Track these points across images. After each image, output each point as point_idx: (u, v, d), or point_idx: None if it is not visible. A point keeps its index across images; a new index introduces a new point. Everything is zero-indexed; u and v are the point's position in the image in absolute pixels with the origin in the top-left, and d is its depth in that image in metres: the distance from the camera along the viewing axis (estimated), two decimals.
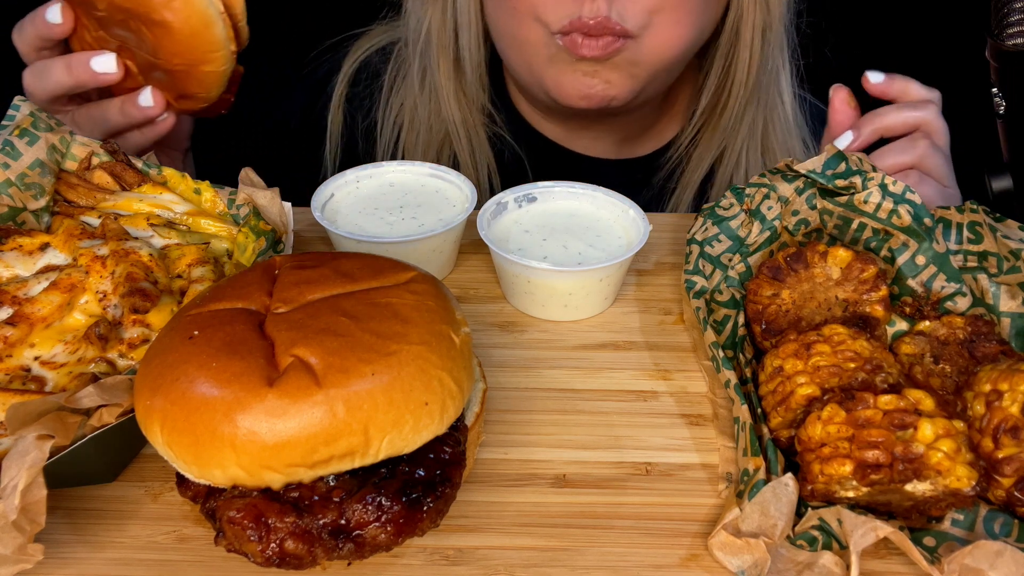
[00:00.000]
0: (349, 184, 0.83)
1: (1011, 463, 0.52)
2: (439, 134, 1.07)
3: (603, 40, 0.86)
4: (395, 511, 0.47)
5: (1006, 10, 0.76)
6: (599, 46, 0.86)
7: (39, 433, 0.49)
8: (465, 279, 0.81)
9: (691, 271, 0.72)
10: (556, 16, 0.87)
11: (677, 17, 0.88)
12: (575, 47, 0.87)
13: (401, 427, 0.48)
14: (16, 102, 0.76)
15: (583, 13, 0.85)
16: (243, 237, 0.74)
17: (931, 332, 0.65)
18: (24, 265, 0.68)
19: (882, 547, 0.53)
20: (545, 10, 0.87)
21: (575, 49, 0.87)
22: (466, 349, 0.54)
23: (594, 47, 0.86)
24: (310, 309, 0.51)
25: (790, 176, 0.74)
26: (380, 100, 1.11)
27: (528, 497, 0.57)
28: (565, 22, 0.86)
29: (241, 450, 0.45)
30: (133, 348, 0.61)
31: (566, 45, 0.87)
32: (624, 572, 0.52)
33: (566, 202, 0.81)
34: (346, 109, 1.12)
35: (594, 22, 0.85)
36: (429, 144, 1.08)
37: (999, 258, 0.67)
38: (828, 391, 0.56)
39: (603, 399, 0.66)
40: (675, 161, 1.08)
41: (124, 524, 0.55)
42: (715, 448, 0.61)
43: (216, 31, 0.77)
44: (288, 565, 0.47)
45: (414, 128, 1.09)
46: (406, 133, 1.09)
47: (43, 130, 0.76)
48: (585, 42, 0.86)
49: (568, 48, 0.87)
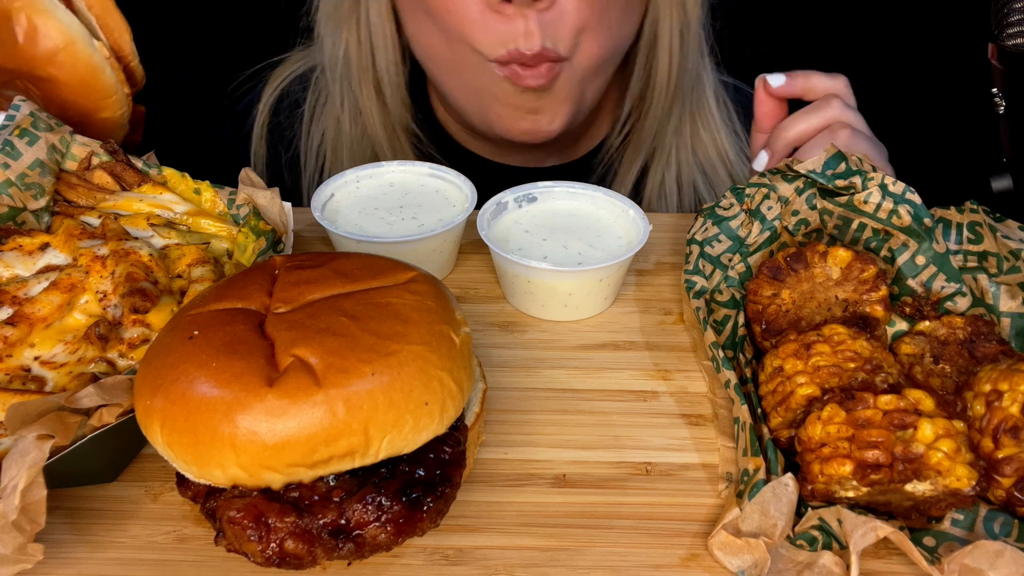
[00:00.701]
0: (349, 184, 0.83)
1: (1011, 463, 0.52)
2: (365, 155, 1.06)
3: (543, 67, 0.86)
4: (395, 511, 0.47)
5: (1006, 10, 0.76)
6: (541, 74, 0.86)
7: (39, 433, 0.49)
8: (465, 279, 0.81)
9: (691, 271, 0.72)
10: (490, 47, 0.86)
11: (600, 32, 0.88)
12: (517, 78, 0.87)
13: (401, 427, 0.48)
14: (16, 102, 0.76)
15: (520, 46, 0.84)
16: (243, 237, 0.74)
17: (931, 332, 0.65)
18: (24, 265, 0.68)
19: (882, 547, 0.53)
20: (476, 40, 0.86)
21: (518, 80, 0.87)
22: (466, 349, 0.54)
23: (537, 76, 0.86)
24: (310, 309, 0.51)
25: (790, 176, 0.74)
26: (301, 131, 1.09)
27: (528, 497, 0.57)
28: (501, 52, 0.85)
29: (241, 450, 0.45)
30: (133, 348, 0.61)
31: (508, 76, 0.87)
32: (624, 572, 0.52)
33: (566, 202, 0.81)
34: (269, 141, 1.11)
35: (531, 53, 0.84)
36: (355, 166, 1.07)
37: (999, 258, 0.67)
38: (828, 391, 0.56)
39: (603, 399, 0.66)
40: (606, 164, 1.09)
41: (124, 524, 0.55)
42: (715, 448, 0.61)
43: (105, 78, 0.75)
44: (288, 565, 0.47)
45: (338, 154, 1.07)
46: (330, 160, 1.08)
47: (43, 130, 0.76)
48: (527, 73, 0.86)
49: (510, 79, 0.87)
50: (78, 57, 0.72)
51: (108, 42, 0.75)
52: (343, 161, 1.07)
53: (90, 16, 0.74)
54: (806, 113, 0.83)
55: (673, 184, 1.08)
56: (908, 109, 1.57)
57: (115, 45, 0.76)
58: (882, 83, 1.57)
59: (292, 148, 1.10)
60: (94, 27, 0.74)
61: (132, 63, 0.78)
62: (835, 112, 0.82)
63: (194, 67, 1.03)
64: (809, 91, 0.84)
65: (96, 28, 0.74)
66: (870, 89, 1.27)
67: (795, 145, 0.84)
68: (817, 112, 0.83)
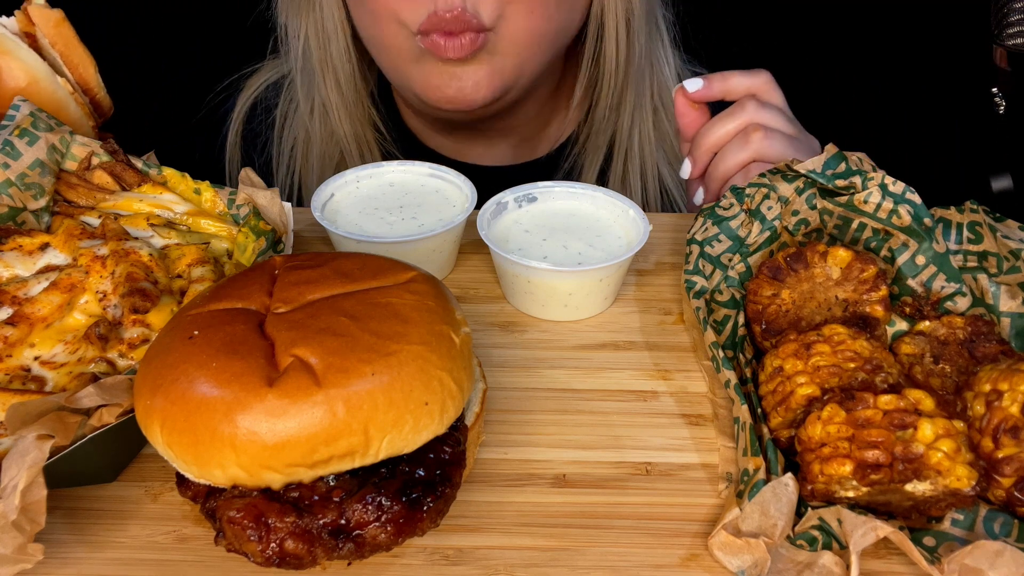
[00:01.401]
0: (349, 184, 0.83)
1: (1011, 463, 0.52)
2: (333, 157, 1.07)
3: (464, 38, 0.86)
4: (395, 511, 0.47)
5: (1006, 10, 0.76)
6: (461, 46, 0.86)
7: (39, 433, 0.49)
8: (465, 279, 0.81)
9: (691, 271, 0.72)
10: (414, 15, 0.86)
11: (530, 7, 0.88)
12: (438, 49, 0.87)
13: (401, 427, 0.48)
14: (16, 102, 0.76)
15: (438, 7, 0.84)
16: (243, 237, 0.74)
17: (931, 332, 0.65)
18: (24, 265, 0.68)
19: (882, 547, 0.53)
20: (401, 9, 0.87)
21: (438, 51, 0.87)
22: (466, 349, 0.54)
23: (457, 48, 0.86)
24: (310, 309, 0.51)
25: (790, 176, 0.74)
26: (273, 136, 1.11)
27: (528, 497, 0.57)
28: (423, 18, 0.85)
29: (241, 450, 0.45)
30: (133, 348, 0.61)
31: (429, 48, 0.88)
32: (624, 572, 0.52)
33: (566, 202, 0.81)
34: (242, 148, 1.13)
35: (450, 15, 0.84)
36: (324, 168, 1.08)
37: (999, 258, 0.67)
38: (828, 391, 0.56)
39: (603, 399, 0.66)
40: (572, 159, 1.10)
41: (124, 524, 0.55)
42: (715, 448, 0.61)
43: (70, 113, 0.76)
44: (288, 565, 0.47)
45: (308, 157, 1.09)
46: (300, 162, 1.09)
47: (43, 130, 0.76)
48: (448, 43, 0.86)
49: (431, 51, 0.88)
50: (42, 95, 0.73)
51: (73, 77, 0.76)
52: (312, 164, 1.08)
53: (54, 53, 0.75)
54: (722, 118, 0.84)
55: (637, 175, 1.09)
56: (908, 109, 1.58)
57: (80, 79, 0.76)
58: (882, 83, 1.57)
59: (265, 153, 1.12)
60: (58, 64, 0.75)
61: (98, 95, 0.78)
62: (749, 114, 0.82)
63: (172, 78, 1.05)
64: (728, 92, 0.85)
65: (60, 64, 0.75)
66: (870, 89, 1.27)
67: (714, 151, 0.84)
68: (732, 117, 0.83)
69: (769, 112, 0.83)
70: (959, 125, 1.48)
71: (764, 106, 0.83)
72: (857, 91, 0.87)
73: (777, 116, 0.84)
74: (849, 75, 0.90)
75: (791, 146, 0.82)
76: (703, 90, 0.85)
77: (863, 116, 1.23)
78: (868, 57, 1.54)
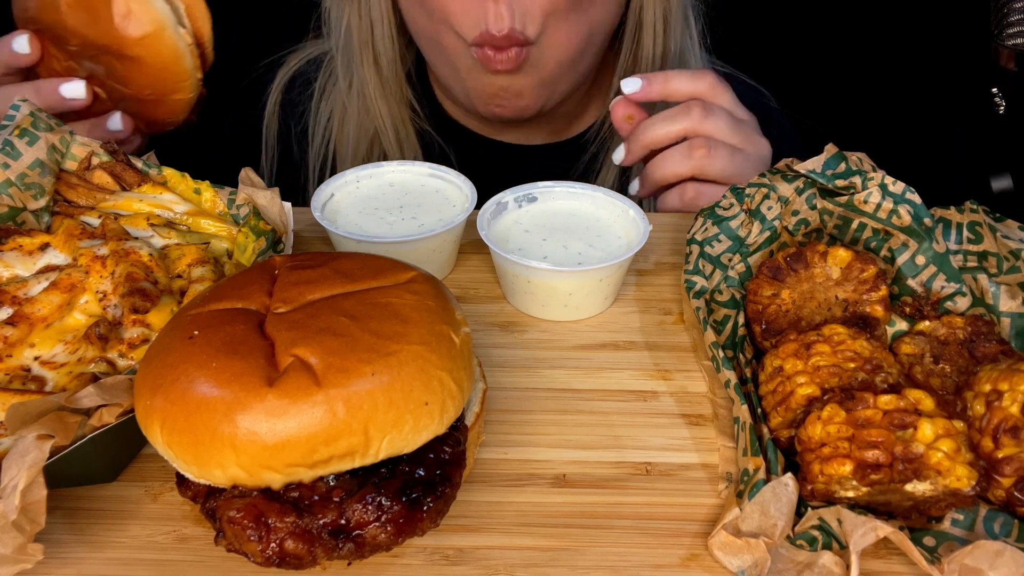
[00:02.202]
0: (349, 184, 0.83)
1: (1011, 463, 0.52)
2: (368, 132, 1.11)
3: (511, 52, 0.92)
4: (395, 511, 0.47)
5: (1006, 10, 0.76)
6: (509, 59, 0.92)
7: (39, 433, 0.49)
8: (465, 279, 0.81)
9: (691, 271, 0.72)
10: (467, 27, 0.91)
11: (569, 17, 0.92)
12: (489, 62, 0.93)
13: (401, 427, 0.48)
14: (16, 102, 0.76)
15: (489, 25, 0.90)
16: (243, 237, 0.74)
17: (931, 332, 0.65)
18: (24, 265, 0.68)
19: (882, 547, 0.53)
20: (456, 21, 0.92)
21: (489, 64, 0.93)
22: (466, 349, 0.54)
23: (505, 61, 0.92)
24: (310, 309, 0.51)
25: (790, 176, 0.74)
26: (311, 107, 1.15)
27: (528, 497, 0.57)
28: (476, 33, 0.91)
29: (241, 450, 0.45)
30: (133, 348, 0.61)
31: (480, 59, 0.93)
32: (624, 572, 0.52)
33: (566, 202, 0.81)
34: (280, 116, 1.17)
35: (500, 35, 0.89)
36: (359, 142, 1.12)
37: (999, 258, 0.67)
38: (828, 391, 0.56)
39: (603, 399, 0.66)
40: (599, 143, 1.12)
41: (124, 524, 0.55)
42: (715, 448, 0.61)
43: (186, 63, 0.79)
44: (288, 565, 0.47)
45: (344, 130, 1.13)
46: (336, 134, 1.14)
47: (43, 130, 0.76)
48: (497, 57, 0.92)
49: (482, 62, 0.93)
50: (165, 43, 0.77)
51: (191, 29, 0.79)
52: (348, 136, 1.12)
53: (180, 4, 0.79)
54: (665, 118, 0.84)
55: None
56: (908, 109, 1.58)
57: (197, 32, 0.80)
58: (882, 83, 1.57)
59: (302, 122, 1.16)
60: (181, 15, 0.79)
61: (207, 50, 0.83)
62: (693, 122, 0.83)
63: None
64: (669, 95, 0.86)
65: (183, 16, 0.79)
66: (870, 89, 1.28)
67: (651, 148, 0.84)
68: (675, 119, 0.84)
69: (714, 121, 0.84)
70: (959, 125, 1.48)
71: (710, 114, 0.84)
72: (857, 91, 0.86)
73: (723, 124, 0.84)
74: (849, 75, 0.90)
75: (733, 163, 0.84)
76: (642, 91, 0.85)
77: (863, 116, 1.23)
78: (868, 57, 1.54)
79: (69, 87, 0.81)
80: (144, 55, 0.77)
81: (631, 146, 0.87)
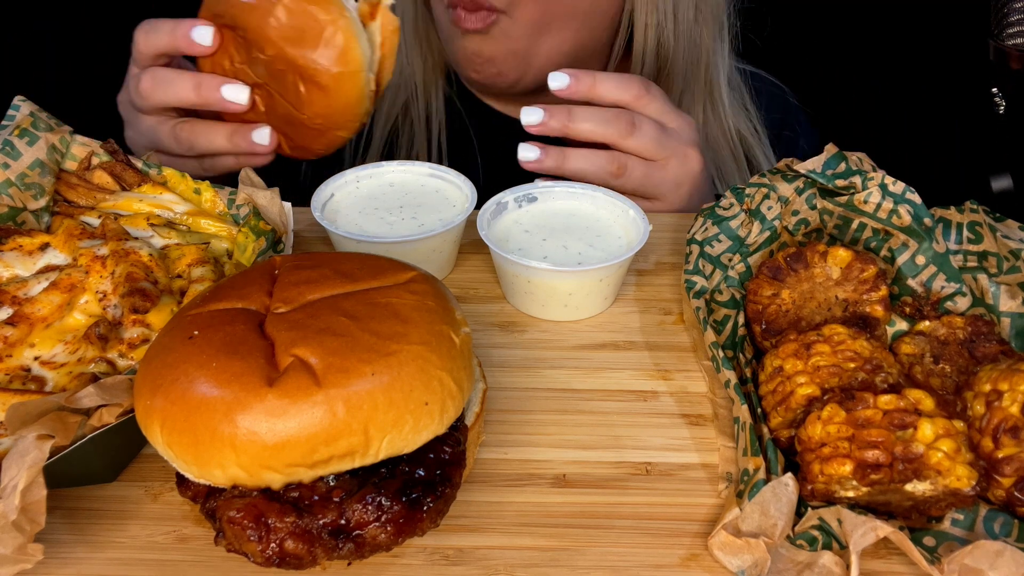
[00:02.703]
0: (349, 184, 0.83)
1: (1011, 463, 0.52)
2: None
3: (479, 14, 0.96)
4: (395, 511, 0.47)
5: (1006, 10, 0.76)
6: (477, 19, 0.97)
7: (39, 433, 0.49)
8: (465, 279, 0.81)
9: (691, 271, 0.72)
10: None
11: None
12: (459, 20, 0.98)
13: (401, 427, 0.48)
14: (16, 102, 0.76)
15: None
16: (243, 237, 0.74)
17: (931, 332, 0.65)
18: (24, 265, 0.68)
19: (882, 547, 0.53)
20: None
21: (460, 23, 0.98)
22: (466, 349, 0.54)
23: (473, 20, 0.97)
24: (310, 309, 0.51)
25: (790, 176, 0.74)
26: None
27: (528, 497, 0.57)
28: None
29: (241, 450, 0.45)
30: (133, 348, 0.61)
31: (454, 20, 0.98)
32: (624, 572, 0.52)
33: (566, 202, 0.81)
34: None
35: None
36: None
37: (999, 258, 0.67)
38: (828, 391, 0.56)
39: (603, 399, 0.66)
40: None
41: (124, 524, 0.55)
42: (715, 448, 0.61)
43: (364, 107, 0.79)
44: (288, 565, 0.47)
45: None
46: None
47: (43, 130, 0.76)
48: (466, 16, 0.97)
49: (455, 22, 0.98)
50: (356, 84, 0.76)
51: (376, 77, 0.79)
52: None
53: (378, 52, 0.78)
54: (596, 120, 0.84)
55: None
56: (908, 109, 1.58)
57: (379, 82, 0.80)
58: (882, 83, 1.57)
59: None
60: (375, 62, 0.78)
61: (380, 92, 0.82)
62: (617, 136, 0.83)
63: None
64: (594, 98, 0.86)
65: (375, 63, 0.78)
66: (870, 89, 1.27)
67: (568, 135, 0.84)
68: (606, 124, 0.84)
69: (638, 138, 0.84)
70: (959, 125, 1.48)
71: (635, 130, 0.84)
72: (857, 91, 0.86)
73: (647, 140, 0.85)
74: (849, 75, 0.90)
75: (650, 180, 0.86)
76: (567, 88, 0.85)
77: (863, 116, 1.23)
78: (868, 57, 1.54)
79: (232, 90, 0.79)
80: (333, 88, 0.76)
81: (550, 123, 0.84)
